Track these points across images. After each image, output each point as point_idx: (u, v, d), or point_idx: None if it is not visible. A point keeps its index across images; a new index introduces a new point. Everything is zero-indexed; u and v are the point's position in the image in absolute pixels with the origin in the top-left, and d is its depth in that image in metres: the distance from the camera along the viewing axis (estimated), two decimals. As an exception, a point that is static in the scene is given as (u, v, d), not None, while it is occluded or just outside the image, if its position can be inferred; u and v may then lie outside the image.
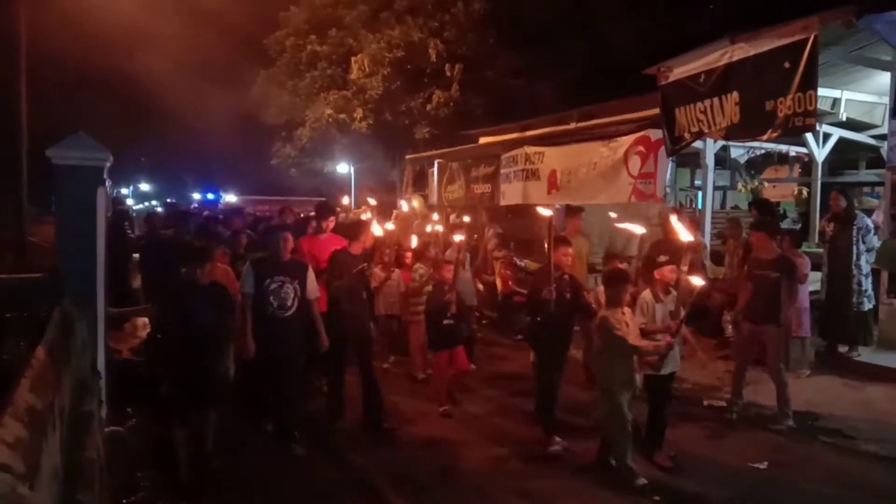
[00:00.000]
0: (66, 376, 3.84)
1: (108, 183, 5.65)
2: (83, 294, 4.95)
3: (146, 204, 49.87)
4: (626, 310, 5.32)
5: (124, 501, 4.90)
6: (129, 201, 35.15)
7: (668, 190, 11.27)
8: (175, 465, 5.15)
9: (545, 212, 6.19)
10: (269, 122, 25.62)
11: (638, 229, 7.40)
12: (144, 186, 54.81)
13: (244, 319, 5.44)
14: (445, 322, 6.53)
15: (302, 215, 11.95)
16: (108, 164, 5.21)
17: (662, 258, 5.65)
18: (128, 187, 49.49)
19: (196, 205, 30.51)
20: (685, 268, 4.92)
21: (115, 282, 7.45)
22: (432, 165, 16.83)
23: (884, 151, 9.24)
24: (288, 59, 24.43)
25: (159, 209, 44.07)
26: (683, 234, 4.98)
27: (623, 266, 6.55)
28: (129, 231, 12.57)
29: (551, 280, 5.59)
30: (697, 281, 4.78)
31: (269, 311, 5.49)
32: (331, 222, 6.91)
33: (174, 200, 36.15)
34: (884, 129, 9.44)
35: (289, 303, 5.52)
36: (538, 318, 5.84)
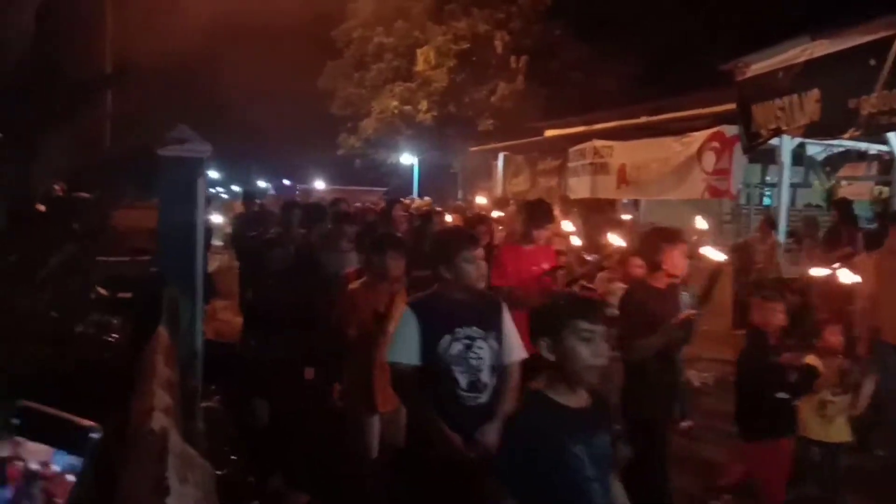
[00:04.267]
0: (177, 354, 4.15)
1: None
2: (184, 278, 5.27)
3: (212, 190, 51.21)
4: None
5: (218, 473, 5.23)
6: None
7: (739, 187, 11.14)
8: (263, 442, 5.45)
9: None
10: (335, 112, 26.11)
11: None
12: (213, 174, 56.23)
13: (422, 409, 3.08)
14: (778, 396, 3.97)
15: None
16: (207, 155, 5.52)
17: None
18: (196, 174, 50.84)
19: (273, 191, 30.69)
20: None
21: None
22: (496, 158, 16.93)
23: (972, 151, 8.95)
24: (354, 50, 24.88)
25: (224, 195, 45.21)
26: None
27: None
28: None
29: None
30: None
31: (451, 394, 3.04)
32: (545, 231, 4.95)
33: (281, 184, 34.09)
34: (973, 127, 9.12)
35: (484, 377, 3.06)
36: None
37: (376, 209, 11.80)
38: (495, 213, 9.38)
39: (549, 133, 15.99)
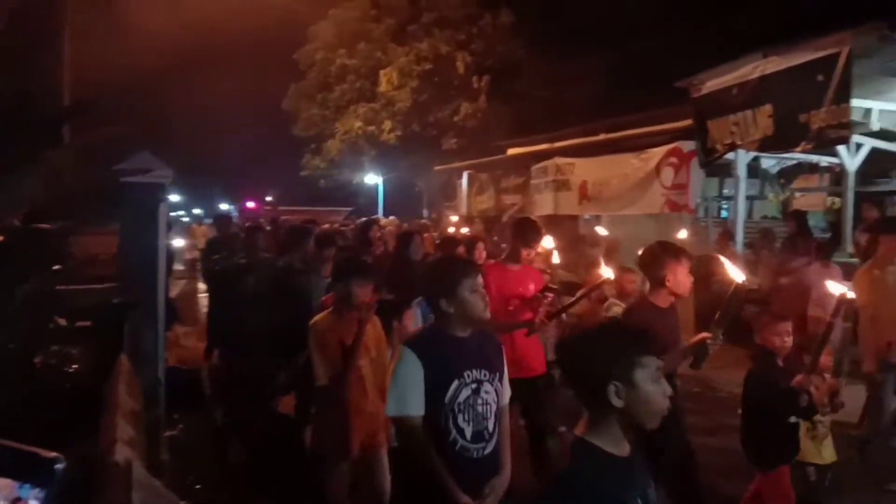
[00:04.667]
0: (139, 383, 4.09)
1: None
2: (146, 305, 5.20)
3: (173, 214, 50.40)
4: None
5: (182, 503, 5.14)
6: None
7: (698, 200, 11.39)
8: (229, 470, 5.38)
9: None
10: (299, 134, 26.06)
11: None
12: (174, 197, 55.46)
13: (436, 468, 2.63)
14: (792, 421, 3.82)
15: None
16: (168, 181, 5.47)
17: None
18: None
19: (236, 213, 29.87)
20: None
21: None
22: (461, 176, 17.07)
23: (917, 162, 9.29)
24: (317, 72, 24.89)
25: (186, 219, 44.55)
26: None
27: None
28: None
29: None
30: None
31: (455, 447, 2.70)
32: (534, 250, 4.62)
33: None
34: (917, 139, 9.49)
35: (490, 425, 2.77)
36: None
37: (344, 230, 11.71)
38: (464, 230, 9.50)
39: (512, 151, 16.18)
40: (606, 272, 4.32)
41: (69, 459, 2.36)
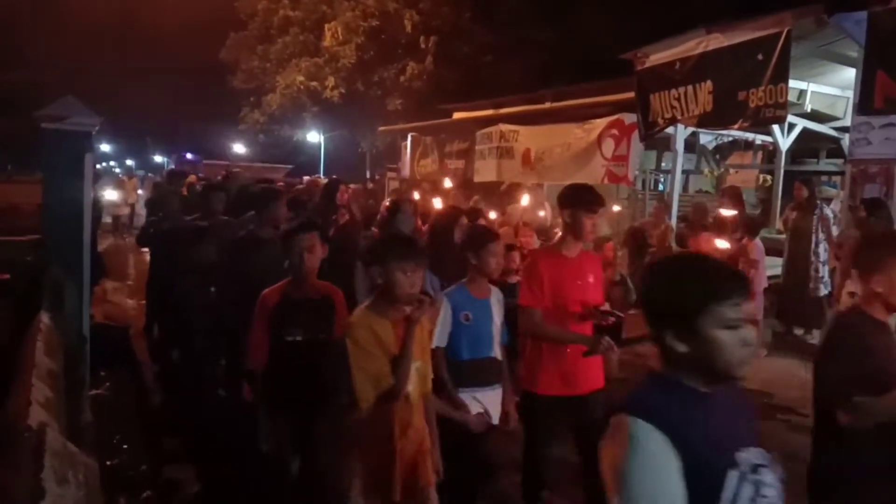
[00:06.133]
0: (61, 341, 3.92)
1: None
2: (69, 259, 4.98)
3: (103, 165, 48.53)
4: None
5: (108, 463, 5.01)
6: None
7: (636, 172, 11.59)
8: (157, 430, 5.26)
9: None
10: (238, 86, 25.26)
11: None
12: (105, 147, 53.31)
13: None
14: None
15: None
16: (96, 129, 5.21)
17: None
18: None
19: (174, 166, 28.33)
20: None
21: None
22: (405, 138, 16.86)
23: (844, 144, 9.63)
24: (259, 22, 24.08)
25: (117, 170, 42.86)
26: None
27: None
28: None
29: None
30: None
31: None
32: (598, 216, 3.58)
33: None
34: (845, 122, 9.82)
35: None
36: None
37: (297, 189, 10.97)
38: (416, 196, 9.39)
39: (458, 115, 16.05)
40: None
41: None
